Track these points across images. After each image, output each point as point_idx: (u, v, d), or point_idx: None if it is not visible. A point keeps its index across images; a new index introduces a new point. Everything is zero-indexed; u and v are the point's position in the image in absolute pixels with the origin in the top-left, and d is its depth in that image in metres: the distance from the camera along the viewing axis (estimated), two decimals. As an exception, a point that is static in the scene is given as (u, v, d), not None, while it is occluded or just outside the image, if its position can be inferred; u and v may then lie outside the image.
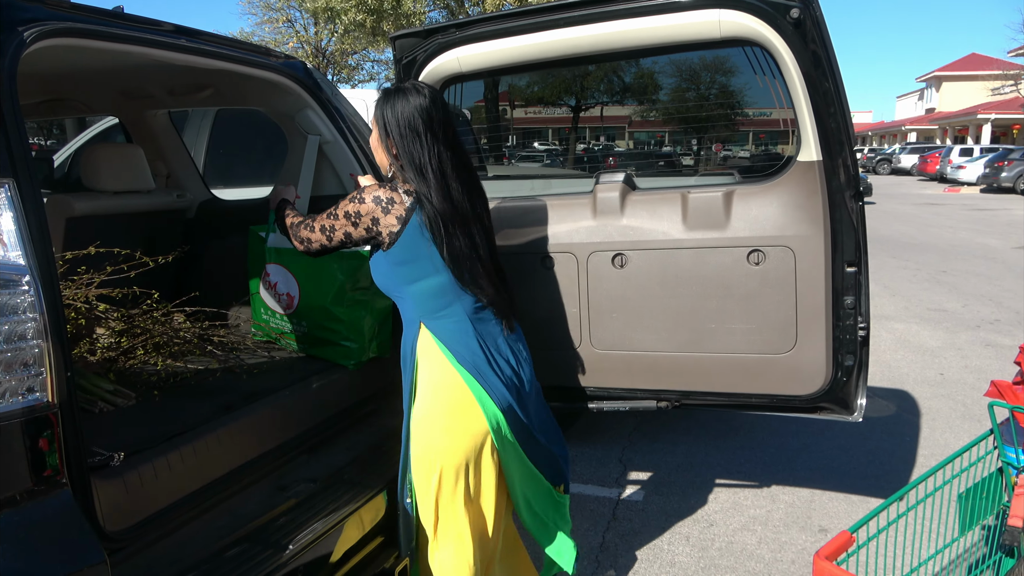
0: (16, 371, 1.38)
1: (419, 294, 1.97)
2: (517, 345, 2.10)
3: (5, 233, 1.39)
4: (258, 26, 22.52)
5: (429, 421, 1.98)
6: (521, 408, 2.05)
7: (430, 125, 1.93)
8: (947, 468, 1.74)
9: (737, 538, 3.21)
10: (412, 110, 1.93)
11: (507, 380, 2.02)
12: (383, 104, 1.98)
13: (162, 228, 3.04)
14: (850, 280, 2.31)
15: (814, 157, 2.24)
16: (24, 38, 1.60)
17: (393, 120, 1.95)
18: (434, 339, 1.98)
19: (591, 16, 2.30)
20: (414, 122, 1.93)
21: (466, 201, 1.98)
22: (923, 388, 5.07)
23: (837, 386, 2.37)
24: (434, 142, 1.93)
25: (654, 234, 2.46)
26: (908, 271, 9.58)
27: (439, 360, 1.97)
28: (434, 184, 1.92)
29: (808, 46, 2.12)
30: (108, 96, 3.00)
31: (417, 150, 1.93)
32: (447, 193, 1.93)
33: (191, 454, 1.91)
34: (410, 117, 1.93)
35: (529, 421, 2.09)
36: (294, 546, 1.87)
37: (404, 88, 1.98)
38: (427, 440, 1.98)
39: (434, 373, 1.98)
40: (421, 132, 1.93)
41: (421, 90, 1.97)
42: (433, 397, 1.98)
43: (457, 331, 1.98)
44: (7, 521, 1.37)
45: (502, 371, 2.01)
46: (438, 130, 1.95)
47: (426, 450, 1.99)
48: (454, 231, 1.94)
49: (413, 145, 1.93)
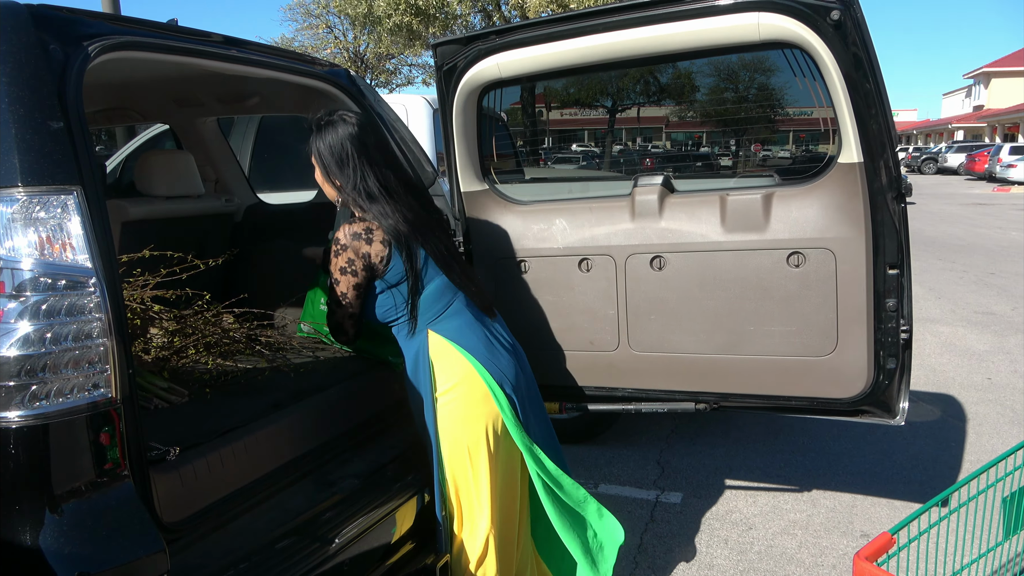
0: (83, 368, 1.46)
1: (424, 302, 2.11)
2: (502, 332, 2.26)
3: (73, 237, 1.47)
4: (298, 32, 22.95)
5: (452, 418, 2.10)
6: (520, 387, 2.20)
7: (364, 151, 2.05)
8: (991, 472, 1.72)
9: (777, 542, 3.20)
10: (342, 139, 2.04)
11: (507, 361, 2.17)
12: (316, 139, 2.08)
13: (211, 232, 3.14)
14: (892, 282, 2.29)
15: (855, 159, 2.23)
16: (89, 52, 1.68)
17: (327, 152, 2.06)
18: (444, 339, 2.11)
19: (630, 21, 2.32)
20: (348, 151, 2.04)
21: (421, 210, 2.12)
22: (970, 393, 4.97)
23: (879, 389, 2.35)
24: (371, 165, 2.05)
25: (693, 236, 2.47)
26: (954, 273, 9.36)
27: (453, 357, 2.10)
28: (386, 202, 2.05)
29: (849, 48, 2.11)
30: (161, 104, 3.12)
31: (358, 177, 2.04)
32: (400, 207, 2.06)
33: (242, 450, 1.98)
34: (342, 147, 2.04)
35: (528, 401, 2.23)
36: (340, 540, 1.93)
37: (332, 120, 2.08)
38: (453, 436, 2.10)
39: (451, 370, 2.10)
40: (356, 159, 2.03)
41: (348, 119, 2.07)
42: (453, 393, 2.10)
43: (463, 325, 2.14)
44: (74, 510, 1.45)
45: (503, 353, 2.18)
46: (374, 154, 2.07)
47: (455, 445, 2.11)
48: (427, 236, 2.09)
49: (353, 173, 2.04)
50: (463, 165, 2.73)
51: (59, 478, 1.44)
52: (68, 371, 1.44)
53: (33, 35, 1.57)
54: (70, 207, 1.48)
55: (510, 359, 2.20)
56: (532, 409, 2.26)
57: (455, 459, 2.13)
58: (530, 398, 2.27)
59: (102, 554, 1.44)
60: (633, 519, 3.40)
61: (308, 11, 22.17)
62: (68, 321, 1.44)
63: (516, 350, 2.28)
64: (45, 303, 1.42)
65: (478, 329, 2.16)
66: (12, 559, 1.41)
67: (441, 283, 2.13)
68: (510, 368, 2.18)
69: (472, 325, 2.16)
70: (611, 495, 3.63)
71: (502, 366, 2.16)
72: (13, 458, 1.40)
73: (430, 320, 2.13)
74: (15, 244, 1.43)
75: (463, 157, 2.72)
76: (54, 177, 1.48)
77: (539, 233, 2.69)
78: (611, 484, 3.76)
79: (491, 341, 2.18)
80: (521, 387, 2.22)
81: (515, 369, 2.21)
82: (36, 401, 1.41)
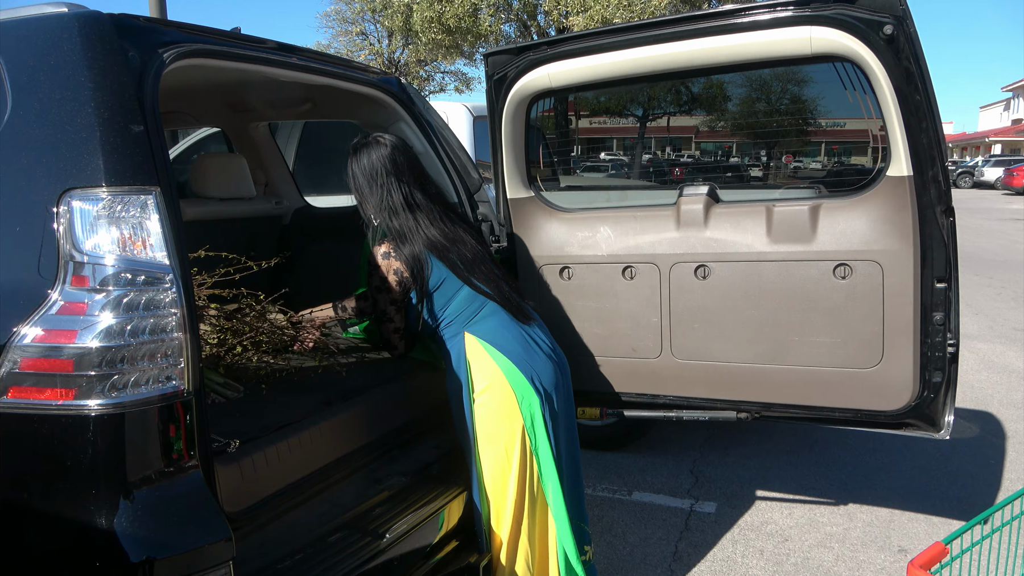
0: (158, 360, 1.53)
1: (456, 307, 2.23)
2: (542, 336, 2.32)
3: (152, 236, 1.54)
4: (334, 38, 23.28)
5: (488, 417, 2.19)
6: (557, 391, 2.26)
7: (394, 170, 2.22)
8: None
9: (813, 555, 3.19)
10: (375, 161, 2.23)
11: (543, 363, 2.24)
12: (351, 161, 2.27)
13: (261, 233, 3.23)
14: (939, 296, 2.29)
15: (904, 172, 2.23)
16: (164, 59, 1.76)
17: (359, 172, 2.25)
18: (479, 341, 2.20)
19: (682, 33, 2.35)
20: (378, 170, 2.22)
21: (447, 220, 2.26)
22: (1009, 411, 4.89)
23: (924, 403, 2.35)
24: (399, 183, 2.22)
25: (738, 246, 2.49)
26: (992, 289, 9.20)
27: (486, 358, 2.19)
28: (408, 216, 2.21)
29: (901, 62, 2.12)
30: (216, 109, 3.21)
31: (385, 194, 2.22)
32: (422, 220, 2.22)
33: (296, 445, 2.04)
34: (372, 167, 2.22)
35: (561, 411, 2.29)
36: (390, 535, 1.98)
37: (367, 143, 2.27)
38: (490, 434, 2.19)
39: (485, 371, 2.19)
40: (385, 178, 2.21)
41: (382, 141, 2.26)
42: (488, 393, 2.19)
43: (500, 325, 2.23)
44: (146, 496, 1.51)
45: (540, 355, 2.24)
46: (403, 173, 2.24)
47: (492, 444, 2.19)
48: (453, 244, 2.22)
49: (381, 191, 2.22)
50: (510, 173, 2.78)
51: (133, 465, 1.51)
52: (144, 363, 1.51)
53: (116, 43, 1.65)
54: (150, 206, 1.55)
55: (547, 362, 2.25)
56: (564, 420, 2.30)
57: (493, 458, 2.19)
58: (564, 408, 2.31)
59: (172, 539, 1.50)
60: (667, 527, 3.41)
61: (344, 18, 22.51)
62: (146, 315, 1.51)
63: (557, 356, 2.32)
64: (126, 297, 1.49)
65: (515, 329, 2.24)
66: (87, 540, 1.48)
67: (467, 291, 2.25)
68: (547, 371, 2.24)
69: (508, 325, 2.24)
70: (645, 503, 3.65)
71: (537, 367, 2.22)
72: (92, 444, 1.47)
73: (466, 322, 2.23)
74: (99, 241, 1.50)
75: (510, 165, 2.77)
76: (135, 178, 1.55)
77: (584, 240, 2.72)
78: (645, 492, 3.78)
79: (528, 342, 2.25)
80: (558, 392, 2.27)
81: (553, 373, 2.25)
82: (115, 391, 1.48)
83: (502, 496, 2.19)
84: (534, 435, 2.19)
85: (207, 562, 1.51)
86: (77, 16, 1.66)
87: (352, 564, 1.86)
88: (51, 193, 1.51)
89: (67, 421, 1.46)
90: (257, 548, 1.80)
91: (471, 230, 2.38)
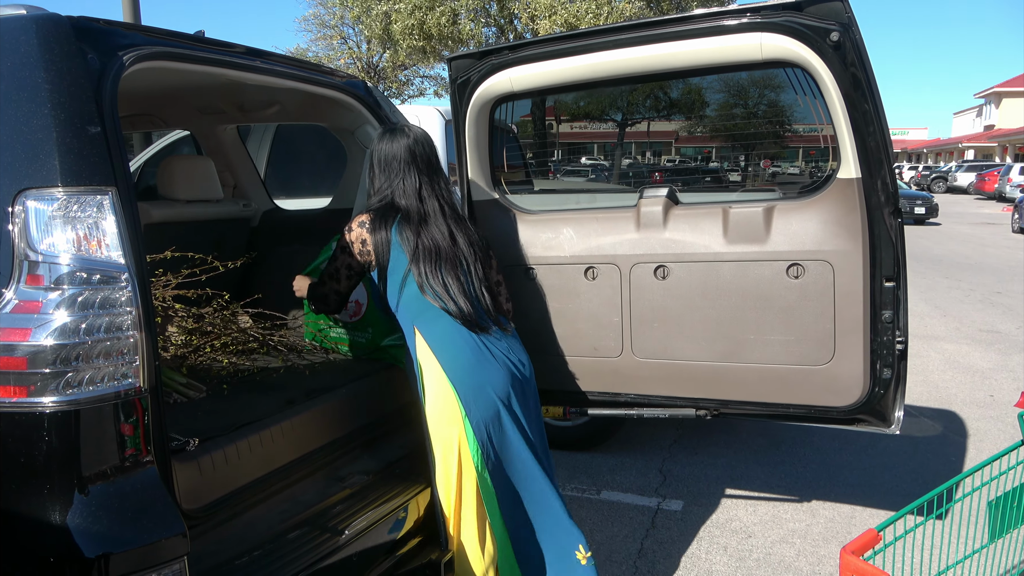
0: (114, 358, 1.55)
1: (408, 298, 2.24)
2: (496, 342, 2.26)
3: (108, 235, 1.56)
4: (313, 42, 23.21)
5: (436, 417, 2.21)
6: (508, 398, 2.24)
7: (412, 160, 2.31)
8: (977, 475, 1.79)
9: (775, 550, 3.25)
10: (398, 147, 2.32)
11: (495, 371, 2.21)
12: (377, 143, 2.36)
13: (229, 235, 3.24)
14: (888, 295, 2.36)
15: (853, 174, 2.30)
16: (124, 61, 1.78)
17: (379, 154, 2.34)
18: (426, 344, 2.21)
19: (638, 39, 2.41)
20: (397, 156, 2.31)
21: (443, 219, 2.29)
22: (971, 409, 5.00)
23: (874, 398, 2.41)
24: (410, 170, 2.31)
25: (696, 247, 2.55)
26: (961, 291, 9.38)
27: (432, 363, 2.20)
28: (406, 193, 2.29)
29: (848, 68, 2.19)
30: (184, 111, 3.22)
31: (394, 176, 2.31)
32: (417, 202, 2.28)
33: (257, 444, 2.06)
34: (393, 152, 2.32)
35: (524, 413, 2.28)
36: (349, 532, 2.01)
37: (394, 130, 2.37)
38: (441, 434, 2.20)
39: (431, 375, 2.21)
40: (399, 163, 2.31)
41: (407, 132, 2.36)
42: (432, 396, 2.21)
43: (449, 328, 2.20)
44: (101, 492, 1.53)
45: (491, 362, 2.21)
46: (421, 163, 2.32)
47: (444, 443, 2.19)
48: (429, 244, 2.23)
49: (391, 172, 2.31)
50: (474, 175, 2.82)
51: (88, 461, 1.52)
52: (100, 361, 1.53)
53: (74, 45, 1.67)
54: (105, 207, 1.57)
55: (499, 370, 2.20)
56: (526, 427, 2.26)
57: (445, 457, 2.20)
58: (526, 415, 2.27)
59: (126, 534, 1.52)
60: (634, 525, 3.45)
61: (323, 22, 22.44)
62: (101, 313, 1.53)
63: (515, 365, 2.26)
64: (80, 296, 1.51)
65: (465, 334, 2.19)
66: (41, 537, 1.49)
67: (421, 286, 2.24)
68: (499, 379, 2.19)
69: (459, 330, 2.19)
70: (613, 501, 3.70)
71: (488, 375, 2.18)
72: (46, 441, 1.49)
73: (414, 316, 2.23)
74: (54, 240, 1.52)
75: (474, 167, 2.81)
76: (91, 178, 1.57)
77: (547, 242, 2.77)
78: (613, 491, 3.82)
79: (480, 348, 2.19)
80: (516, 401, 2.23)
81: (504, 382, 2.20)
82: (69, 388, 1.50)
83: (449, 495, 2.21)
84: (474, 444, 2.16)
85: (161, 557, 1.54)
86: (35, 18, 1.68)
87: (309, 560, 1.89)
88: (6, 193, 1.53)
89: (21, 418, 1.48)
90: (215, 544, 1.82)
91: (469, 233, 2.36)
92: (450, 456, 2.18)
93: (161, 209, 2.94)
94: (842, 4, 2.14)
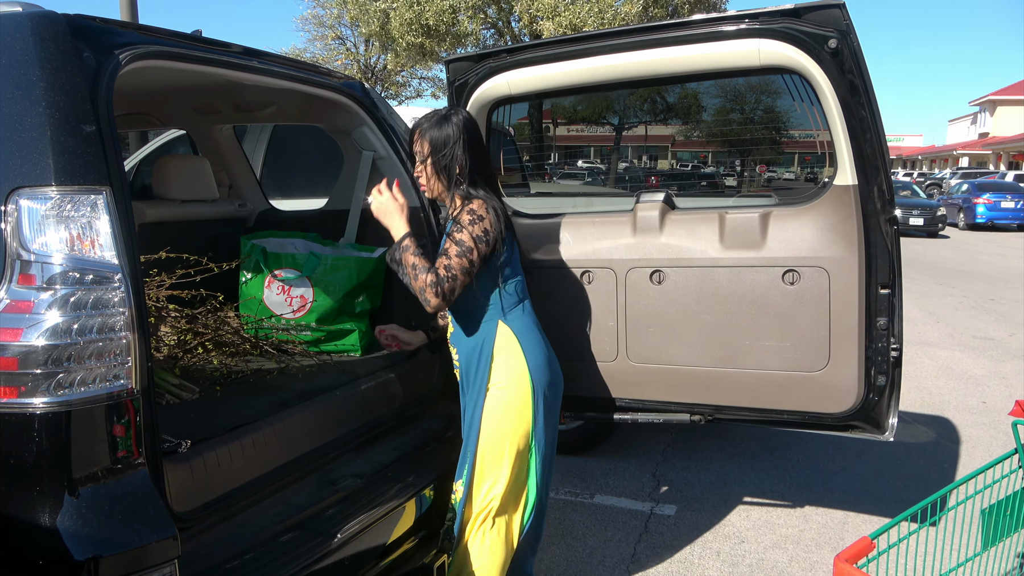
0: (106, 359, 1.54)
1: (508, 292, 2.20)
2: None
3: (102, 235, 1.55)
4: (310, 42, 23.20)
5: (500, 410, 2.18)
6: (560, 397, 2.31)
7: (481, 141, 2.23)
8: (971, 483, 1.79)
9: (768, 555, 3.25)
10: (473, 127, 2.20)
11: (558, 369, 2.29)
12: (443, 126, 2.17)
13: (224, 235, 3.23)
14: (883, 302, 2.36)
15: (850, 181, 2.31)
16: (120, 60, 1.77)
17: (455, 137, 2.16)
18: (513, 335, 2.19)
19: (637, 44, 2.41)
20: (478, 136, 2.20)
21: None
22: (964, 416, 5.02)
23: (869, 405, 2.42)
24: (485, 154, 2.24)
25: (692, 252, 2.55)
26: (954, 298, 9.42)
27: (515, 355, 2.18)
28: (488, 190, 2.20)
29: (845, 75, 2.19)
30: (180, 111, 3.21)
31: (482, 161, 2.20)
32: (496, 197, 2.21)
33: (250, 446, 2.05)
34: (474, 132, 2.20)
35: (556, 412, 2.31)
36: (342, 535, 2.00)
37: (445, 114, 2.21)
38: (497, 427, 2.18)
39: (509, 366, 2.18)
40: (477, 146, 2.20)
41: (459, 112, 2.22)
42: (506, 389, 2.18)
43: (533, 325, 2.24)
44: (92, 494, 1.52)
45: (556, 360, 2.28)
46: (479, 145, 2.23)
47: (496, 436, 2.18)
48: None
49: (477, 157, 2.18)
50: (471, 178, 2.81)
51: (78, 463, 1.51)
52: (92, 362, 1.52)
53: (70, 43, 1.66)
54: (99, 206, 1.56)
55: (559, 372, 2.31)
56: (554, 430, 2.33)
57: (492, 451, 2.19)
58: (556, 419, 2.34)
59: (116, 537, 1.51)
60: (627, 530, 3.45)
61: (321, 22, 22.43)
62: (94, 314, 1.52)
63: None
64: (73, 296, 1.50)
65: (541, 332, 2.27)
66: (31, 539, 1.48)
67: (521, 279, 2.25)
68: (559, 380, 2.29)
69: (539, 327, 2.27)
70: (606, 506, 3.69)
71: (556, 375, 2.27)
72: (36, 442, 1.47)
73: (505, 311, 2.20)
74: (47, 240, 1.51)
75: (471, 170, 2.80)
76: (85, 177, 1.56)
77: (543, 245, 2.77)
78: (607, 495, 3.82)
79: (550, 349, 2.28)
80: (558, 403, 2.32)
81: (560, 384, 2.31)
82: (61, 389, 1.48)
83: (490, 489, 2.19)
84: (535, 439, 2.21)
85: (152, 560, 1.52)
86: (31, 16, 1.67)
87: (302, 564, 1.87)
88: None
89: (11, 419, 1.46)
90: (207, 548, 1.81)
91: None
92: (511, 451, 2.17)
93: (156, 209, 2.93)
94: (840, 11, 2.15)
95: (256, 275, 2.89)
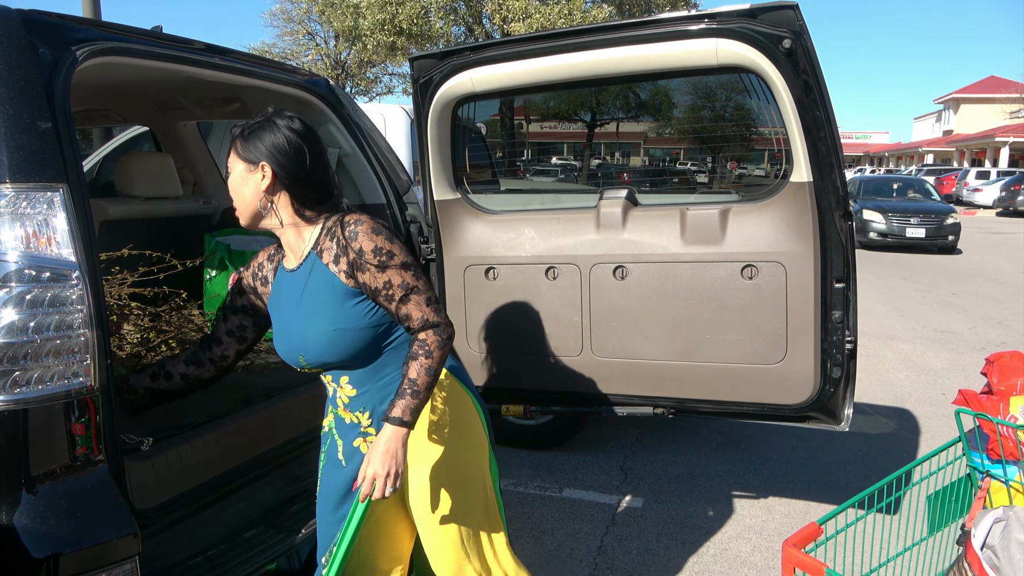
0: (63, 357, 1.53)
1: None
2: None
3: (58, 233, 1.55)
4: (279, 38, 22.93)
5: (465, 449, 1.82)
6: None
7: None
8: (917, 470, 1.86)
9: (732, 545, 3.31)
10: (314, 138, 1.72)
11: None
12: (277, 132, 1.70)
13: (188, 233, 3.21)
14: (838, 295, 2.42)
15: (805, 178, 2.36)
16: (77, 56, 1.76)
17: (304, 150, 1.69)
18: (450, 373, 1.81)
19: (598, 42, 2.45)
20: (320, 149, 1.73)
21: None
22: (924, 407, 5.14)
23: (825, 396, 2.48)
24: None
25: (654, 248, 2.59)
26: (918, 292, 9.63)
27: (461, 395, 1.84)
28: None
29: (800, 75, 2.25)
30: (142, 107, 3.18)
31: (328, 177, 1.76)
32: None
33: (213, 443, 2.06)
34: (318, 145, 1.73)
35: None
36: (306, 531, 2.01)
37: (275, 119, 1.73)
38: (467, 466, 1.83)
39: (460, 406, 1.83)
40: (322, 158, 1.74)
41: (294, 119, 1.74)
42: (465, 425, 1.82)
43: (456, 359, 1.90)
44: (50, 492, 1.52)
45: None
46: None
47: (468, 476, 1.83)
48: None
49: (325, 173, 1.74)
50: (436, 174, 2.83)
51: (36, 461, 1.51)
52: (49, 359, 1.51)
53: (24, 39, 1.65)
54: (56, 203, 1.56)
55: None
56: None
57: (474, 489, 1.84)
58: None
59: (76, 534, 1.51)
60: (595, 523, 3.49)
61: (289, 17, 22.18)
62: (51, 312, 1.51)
63: None
64: (29, 294, 1.50)
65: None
66: (-11, 538, 1.48)
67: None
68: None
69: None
70: (575, 499, 3.73)
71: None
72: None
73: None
74: (2, 237, 1.50)
75: (436, 167, 2.82)
76: (41, 174, 1.55)
77: (508, 242, 2.79)
78: (575, 489, 3.86)
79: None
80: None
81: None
82: (17, 387, 1.48)
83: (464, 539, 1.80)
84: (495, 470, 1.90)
85: (112, 557, 1.53)
86: (-17, 12, 1.65)
87: (265, 559, 1.89)
88: (-48, 189, 1.51)
89: (-34, 418, 1.45)
90: (169, 544, 1.81)
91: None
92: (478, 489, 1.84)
93: (118, 206, 2.90)
94: (794, 12, 2.20)
95: (220, 272, 2.88)
